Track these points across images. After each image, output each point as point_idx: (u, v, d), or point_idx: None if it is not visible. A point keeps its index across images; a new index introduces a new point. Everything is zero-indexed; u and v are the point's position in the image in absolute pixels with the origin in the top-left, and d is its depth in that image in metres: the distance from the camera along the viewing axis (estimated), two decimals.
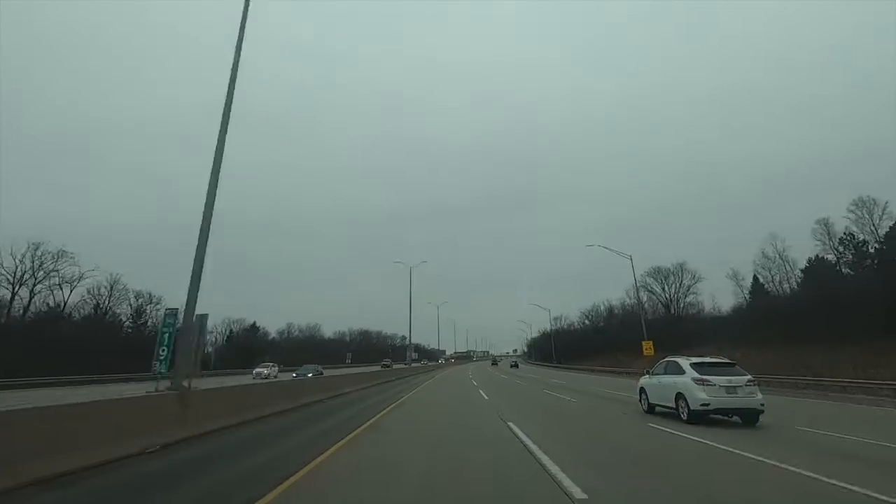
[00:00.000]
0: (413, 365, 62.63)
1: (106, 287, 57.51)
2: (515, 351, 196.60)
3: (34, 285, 51.11)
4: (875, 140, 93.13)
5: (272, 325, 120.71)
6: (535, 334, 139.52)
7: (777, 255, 53.08)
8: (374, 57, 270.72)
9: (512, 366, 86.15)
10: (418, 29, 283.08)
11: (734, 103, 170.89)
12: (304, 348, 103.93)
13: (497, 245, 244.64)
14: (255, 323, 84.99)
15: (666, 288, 69.56)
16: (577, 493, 5.01)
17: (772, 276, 54.12)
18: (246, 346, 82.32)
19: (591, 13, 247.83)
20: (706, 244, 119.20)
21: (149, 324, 59.17)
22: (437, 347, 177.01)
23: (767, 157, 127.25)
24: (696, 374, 11.14)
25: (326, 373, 32.36)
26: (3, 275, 48.86)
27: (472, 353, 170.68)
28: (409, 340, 52.48)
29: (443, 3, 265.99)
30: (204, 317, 10.85)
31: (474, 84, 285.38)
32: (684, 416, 11.12)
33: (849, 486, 5.39)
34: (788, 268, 52.57)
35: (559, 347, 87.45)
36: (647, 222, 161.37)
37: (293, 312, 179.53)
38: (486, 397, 19.22)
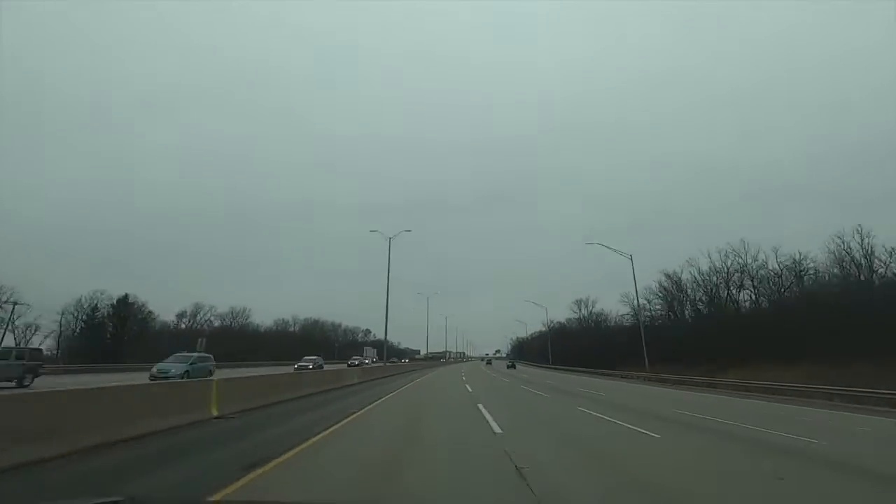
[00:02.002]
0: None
1: None
2: (498, 352, 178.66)
3: None
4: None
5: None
6: (538, 328, 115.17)
7: None
8: (371, 51, 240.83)
9: (509, 366, 73.39)
10: (417, 24, 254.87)
11: (739, 106, 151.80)
12: (229, 338, 75.43)
13: (480, 245, 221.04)
14: (126, 296, 55.14)
15: None
16: None
17: None
18: (112, 332, 53.05)
19: (593, 15, 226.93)
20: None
21: None
22: (387, 340, 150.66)
23: (773, 163, 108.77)
24: None
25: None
26: None
27: (447, 354, 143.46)
28: None
29: (445, 4, 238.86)
30: None
31: (468, 79, 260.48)
32: None
33: None
34: None
35: (569, 349, 61.77)
36: (644, 226, 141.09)
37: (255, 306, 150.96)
38: None
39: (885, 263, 32.14)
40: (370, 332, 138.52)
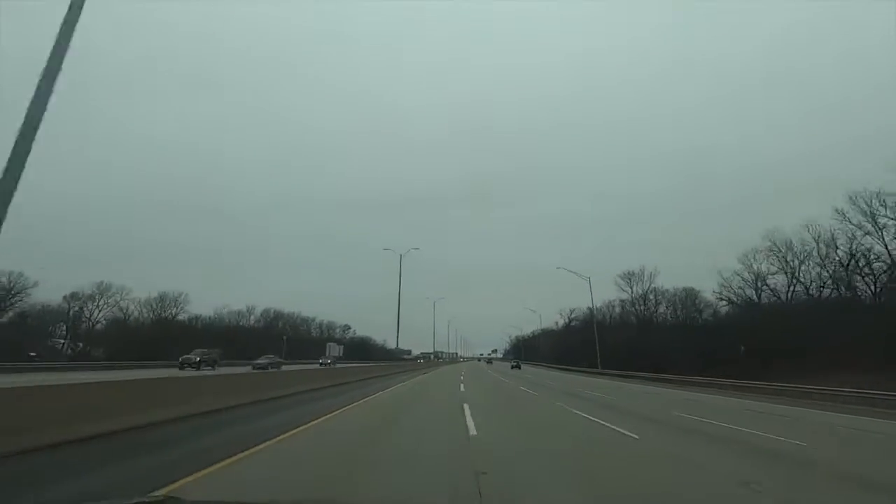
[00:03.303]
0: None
1: None
2: (495, 351, 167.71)
3: None
4: None
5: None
6: (536, 327, 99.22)
7: None
8: (364, 46, 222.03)
9: (513, 367, 64.28)
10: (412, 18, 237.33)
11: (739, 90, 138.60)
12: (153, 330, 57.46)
13: (475, 242, 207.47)
14: None
15: None
16: None
17: None
18: None
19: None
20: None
21: None
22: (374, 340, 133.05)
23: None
24: None
25: None
26: None
27: (432, 356, 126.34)
28: None
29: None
30: None
31: (464, 75, 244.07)
32: None
33: None
34: None
35: (606, 344, 44.79)
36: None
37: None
38: None
39: None
40: (349, 328, 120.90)
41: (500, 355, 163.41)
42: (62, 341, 50.90)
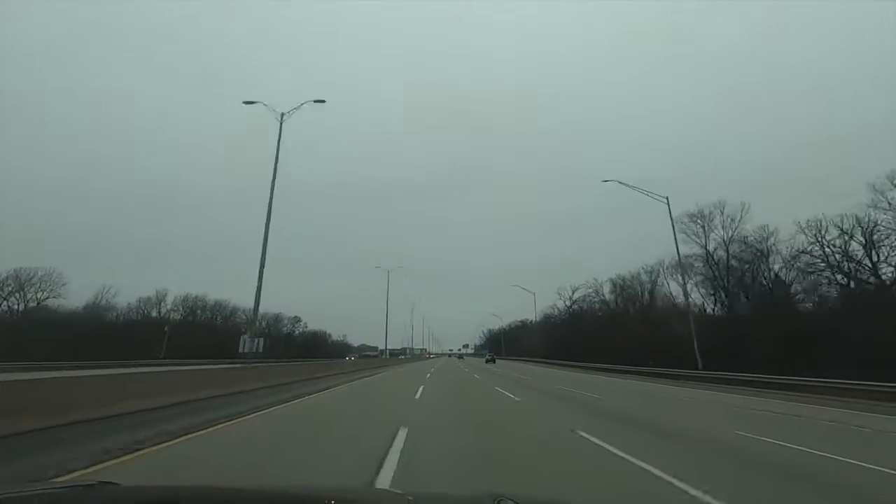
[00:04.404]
0: None
1: None
2: (466, 346, 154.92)
3: None
4: None
5: None
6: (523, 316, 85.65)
7: None
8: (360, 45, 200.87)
9: (488, 361, 62.44)
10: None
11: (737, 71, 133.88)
12: None
13: (447, 235, 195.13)
14: None
15: None
16: None
17: None
18: None
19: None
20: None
21: None
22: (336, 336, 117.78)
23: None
24: None
25: None
26: None
27: (405, 351, 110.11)
28: None
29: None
30: None
31: (448, 40, 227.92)
32: None
33: None
34: None
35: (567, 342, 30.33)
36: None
37: None
38: None
39: None
40: (300, 321, 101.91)
41: (472, 351, 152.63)
42: None
